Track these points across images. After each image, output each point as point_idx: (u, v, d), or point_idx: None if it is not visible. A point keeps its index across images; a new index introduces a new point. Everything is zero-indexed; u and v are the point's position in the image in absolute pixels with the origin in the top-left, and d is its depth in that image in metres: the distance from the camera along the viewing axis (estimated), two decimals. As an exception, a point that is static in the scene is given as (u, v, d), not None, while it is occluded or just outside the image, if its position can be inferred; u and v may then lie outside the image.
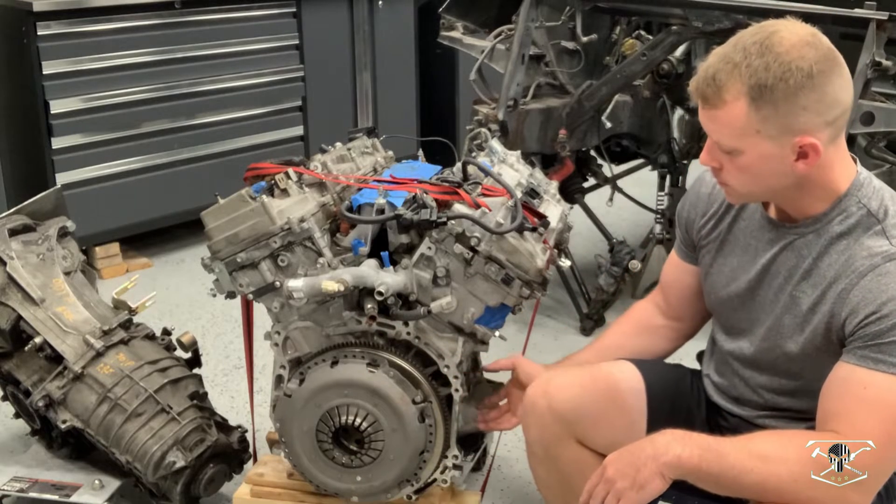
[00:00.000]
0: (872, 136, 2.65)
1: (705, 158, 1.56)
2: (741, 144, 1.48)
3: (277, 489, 2.21)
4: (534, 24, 3.21)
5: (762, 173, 1.50)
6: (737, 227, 1.73)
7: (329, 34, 4.40)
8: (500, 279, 1.93)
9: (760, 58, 1.43)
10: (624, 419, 1.78)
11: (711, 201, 1.78)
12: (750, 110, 1.44)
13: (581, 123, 3.38)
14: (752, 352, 1.69)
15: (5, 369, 2.32)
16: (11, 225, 2.38)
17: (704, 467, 1.44)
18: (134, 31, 3.79)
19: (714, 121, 1.49)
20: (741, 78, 1.43)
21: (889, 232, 1.51)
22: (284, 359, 2.07)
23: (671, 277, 1.95)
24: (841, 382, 1.47)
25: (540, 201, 2.19)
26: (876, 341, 1.44)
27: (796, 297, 1.59)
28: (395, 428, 1.98)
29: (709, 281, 1.79)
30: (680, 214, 1.87)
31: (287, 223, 1.97)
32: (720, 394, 1.81)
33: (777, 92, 1.42)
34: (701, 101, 1.50)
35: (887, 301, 1.45)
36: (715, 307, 1.81)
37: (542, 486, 1.93)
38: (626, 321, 2.03)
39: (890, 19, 2.48)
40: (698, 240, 1.82)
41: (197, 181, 3.98)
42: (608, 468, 1.49)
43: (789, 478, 1.42)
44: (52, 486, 2.26)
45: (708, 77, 1.47)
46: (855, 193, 1.55)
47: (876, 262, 1.48)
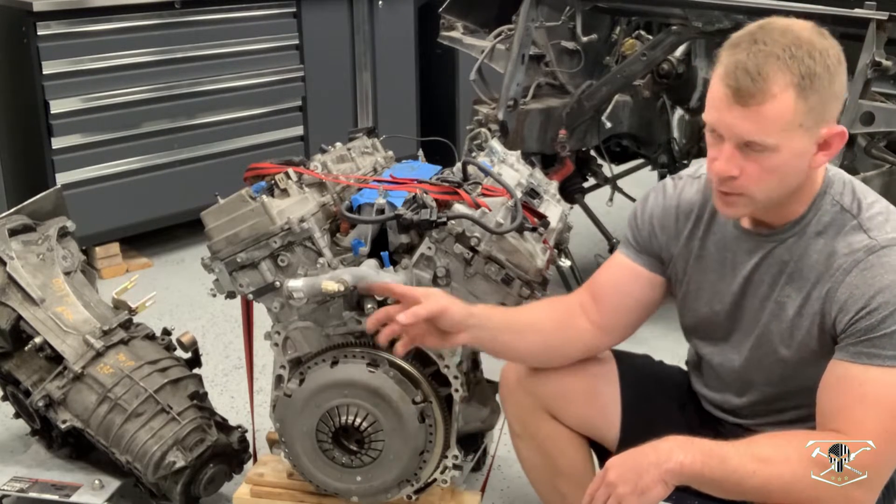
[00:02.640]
0: (872, 136, 2.65)
1: (726, 167, 1.46)
2: (780, 140, 1.42)
3: (277, 489, 2.21)
4: (534, 24, 3.21)
5: (790, 173, 1.47)
6: (709, 242, 1.68)
7: (329, 34, 4.40)
8: (500, 279, 1.93)
9: (799, 48, 1.40)
10: (594, 401, 1.81)
11: (678, 214, 1.72)
12: (798, 101, 1.40)
13: (581, 123, 3.38)
14: (741, 363, 1.67)
15: (5, 369, 2.32)
16: (11, 225, 2.38)
17: (707, 473, 1.43)
18: (134, 31, 3.79)
19: (757, 118, 1.41)
20: (789, 69, 1.39)
21: (865, 225, 1.50)
22: (284, 359, 2.07)
23: (613, 283, 1.78)
24: (837, 381, 1.47)
25: (540, 201, 2.20)
26: (868, 336, 1.44)
27: (782, 303, 1.58)
28: (395, 428, 1.98)
29: (687, 300, 1.74)
30: (641, 220, 1.76)
31: (287, 223, 1.97)
32: (716, 408, 1.80)
33: (823, 80, 1.41)
34: (739, 99, 1.41)
35: (875, 294, 1.44)
36: (696, 325, 1.76)
37: (528, 467, 1.95)
38: (556, 310, 1.80)
39: (890, 19, 2.48)
40: (666, 255, 1.74)
41: (197, 181, 3.98)
42: (610, 472, 1.48)
43: (792, 479, 1.42)
44: (52, 486, 2.26)
45: (751, 72, 1.40)
46: (828, 191, 1.54)
47: (858, 257, 1.47)
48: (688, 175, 1.76)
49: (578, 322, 1.77)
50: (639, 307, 1.78)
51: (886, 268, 1.45)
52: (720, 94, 1.44)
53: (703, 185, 1.70)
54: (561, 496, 1.88)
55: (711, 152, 1.50)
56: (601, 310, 1.77)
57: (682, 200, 1.72)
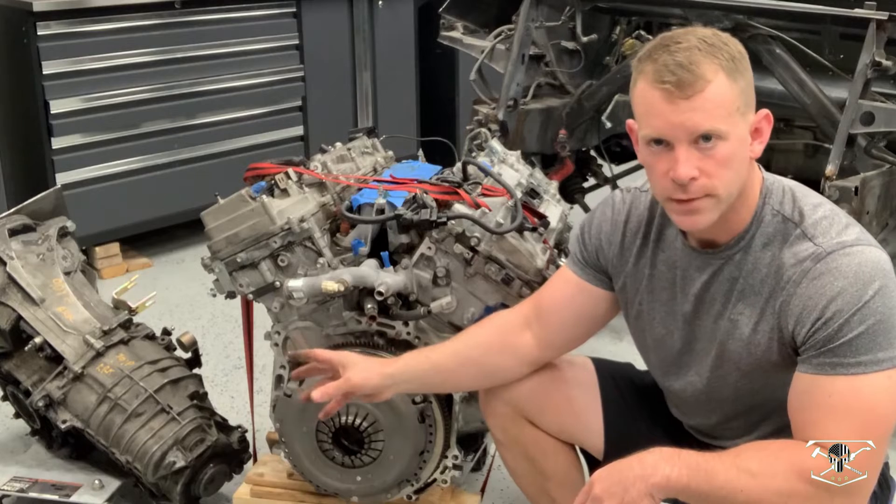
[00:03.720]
0: (872, 136, 2.64)
1: (687, 169, 1.42)
2: (729, 126, 1.42)
3: (277, 489, 2.21)
4: (534, 24, 3.21)
5: (740, 162, 1.46)
6: (659, 260, 1.65)
7: (329, 34, 4.40)
8: (500, 279, 1.93)
9: (710, 39, 1.44)
10: (570, 408, 1.81)
11: (626, 231, 1.69)
12: (730, 84, 1.42)
13: (581, 123, 3.38)
14: (704, 384, 1.64)
15: (5, 369, 2.32)
16: (11, 225, 2.38)
17: (694, 486, 1.41)
18: (134, 31, 3.79)
19: (704, 105, 1.40)
20: (714, 55, 1.41)
21: (809, 232, 1.47)
22: (284, 359, 2.07)
23: (558, 299, 1.76)
24: (805, 395, 1.45)
25: (540, 201, 2.20)
26: (828, 346, 1.42)
27: (735, 321, 1.55)
28: (395, 428, 1.98)
29: (641, 321, 1.70)
30: (588, 235, 1.74)
31: (287, 223, 1.97)
32: (695, 432, 1.78)
33: (743, 62, 1.45)
34: (681, 93, 1.40)
35: (829, 303, 1.42)
36: (650, 346, 1.72)
37: (516, 476, 1.94)
38: (492, 332, 1.79)
39: (890, 19, 2.48)
40: (613, 271, 1.71)
41: (197, 181, 3.97)
42: (595, 486, 1.45)
43: (777, 493, 1.40)
44: (52, 486, 2.26)
45: (684, 64, 1.40)
46: (767, 201, 1.52)
47: (806, 266, 1.45)
48: (637, 188, 1.72)
49: (520, 339, 1.77)
50: (584, 322, 1.77)
51: (835, 274, 1.42)
52: (657, 99, 1.43)
53: (650, 200, 1.67)
54: (551, 500, 1.87)
55: (660, 166, 1.46)
56: (545, 326, 1.76)
57: (631, 215, 1.69)
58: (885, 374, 1.40)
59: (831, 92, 2.77)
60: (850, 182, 2.49)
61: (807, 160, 3.28)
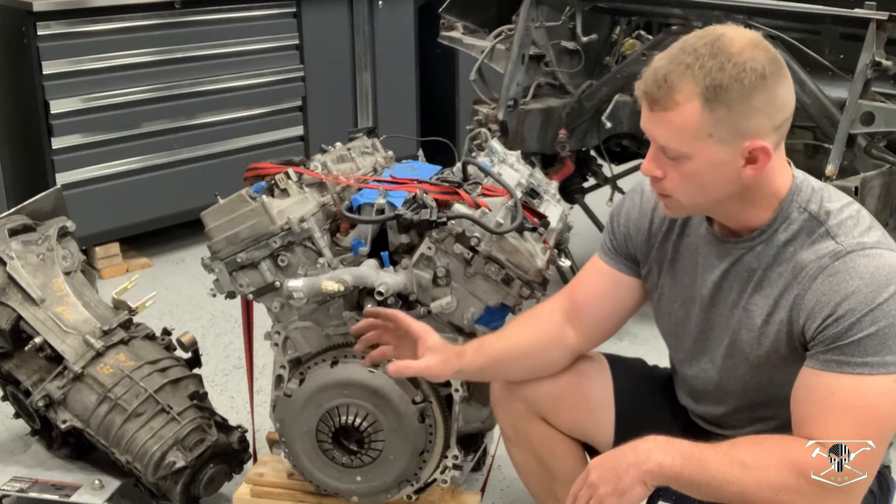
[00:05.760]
0: (872, 136, 2.65)
1: (649, 167, 1.49)
2: (691, 149, 1.43)
3: (277, 489, 2.21)
4: (534, 24, 3.21)
5: (709, 181, 1.47)
6: (683, 245, 1.67)
7: (329, 34, 4.40)
8: (500, 279, 1.94)
9: (714, 59, 1.40)
10: (586, 404, 1.82)
11: (654, 217, 1.71)
12: (704, 112, 1.40)
13: (581, 123, 3.38)
14: (715, 373, 1.66)
15: (5, 369, 2.32)
16: (11, 225, 2.38)
17: (686, 475, 1.43)
18: (134, 31, 3.79)
19: (663, 124, 1.43)
20: (694, 78, 1.40)
21: (833, 231, 1.48)
22: (284, 359, 2.07)
23: (594, 290, 1.79)
24: (808, 390, 1.45)
25: (540, 201, 2.20)
26: (837, 343, 1.42)
27: (749, 311, 1.56)
28: (395, 428, 1.98)
29: (662, 303, 1.72)
30: (617, 223, 1.77)
31: (287, 223, 1.97)
32: (701, 420, 1.79)
33: (732, 92, 1.40)
34: (648, 103, 1.44)
35: (842, 301, 1.42)
36: (670, 330, 1.74)
37: (523, 474, 1.95)
38: (542, 325, 1.80)
39: (890, 19, 2.48)
40: (641, 257, 1.74)
41: (197, 181, 3.97)
42: (591, 472, 1.48)
43: (770, 487, 1.40)
44: (52, 486, 2.26)
45: (658, 79, 1.42)
46: (795, 198, 1.52)
47: (824, 262, 1.46)
48: None
49: (565, 336, 1.79)
50: (619, 312, 1.79)
51: (852, 273, 1.43)
52: (640, 96, 1.47)
53: None
54: (557, 500, 1.88)
55: None
56: (583, 317, 1.78)
57: (658, 204, 1.70)
58: (890, 378, 1.41)
59: (831, 92, 2.77)
60: (850, 182, 2.49)
61: (807, 160, 3.28)
